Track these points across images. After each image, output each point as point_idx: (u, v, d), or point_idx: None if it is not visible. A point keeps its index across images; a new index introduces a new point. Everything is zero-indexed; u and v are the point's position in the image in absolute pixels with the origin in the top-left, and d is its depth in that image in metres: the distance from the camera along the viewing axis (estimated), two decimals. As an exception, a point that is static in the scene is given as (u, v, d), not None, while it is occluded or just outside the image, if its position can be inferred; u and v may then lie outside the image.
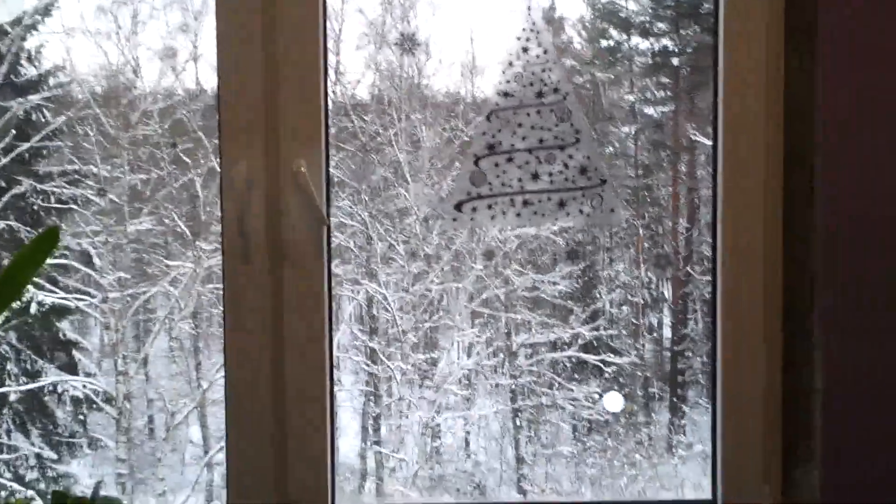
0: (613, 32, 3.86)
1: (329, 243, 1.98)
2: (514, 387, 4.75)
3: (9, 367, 4.47)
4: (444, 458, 4.98)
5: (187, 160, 4.53)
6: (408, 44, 3.75)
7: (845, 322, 1.76)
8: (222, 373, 4.64)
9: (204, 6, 4.54)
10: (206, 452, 4.82)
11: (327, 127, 1.98)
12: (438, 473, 4.99)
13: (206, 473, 4.80)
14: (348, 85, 4.25)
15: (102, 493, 1.81)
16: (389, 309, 4.67)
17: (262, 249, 1.91)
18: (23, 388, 4.49)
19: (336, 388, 4.84)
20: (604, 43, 3.88)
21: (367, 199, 4.38)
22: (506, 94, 1.99)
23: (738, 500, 2.00)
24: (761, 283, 1.98)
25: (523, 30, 2.03)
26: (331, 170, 2.03)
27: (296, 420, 1.94)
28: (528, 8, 2.05)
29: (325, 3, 1.94)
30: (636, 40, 3.76)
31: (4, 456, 4.52)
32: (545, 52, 2.03)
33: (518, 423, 4.80)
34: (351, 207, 4.33)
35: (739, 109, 1.95)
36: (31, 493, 3.78)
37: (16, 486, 4.27)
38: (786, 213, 1.97)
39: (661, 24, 3.81)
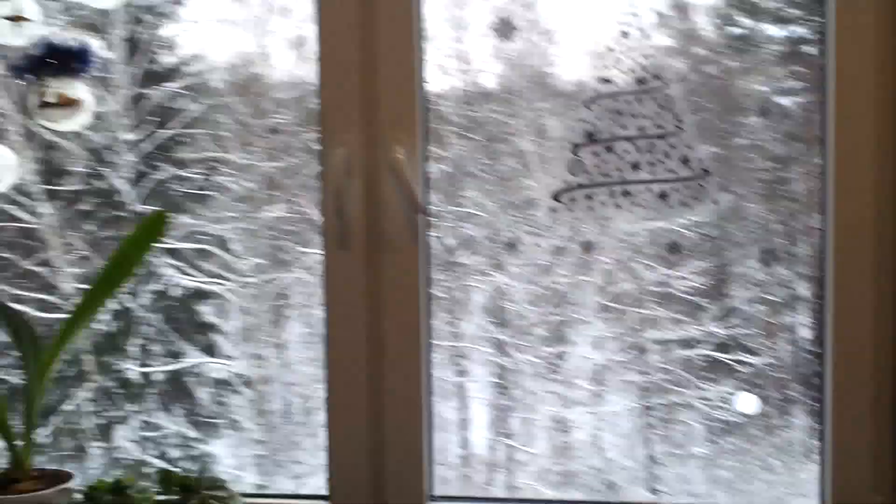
0: (744, 19, 3.71)
1: (426, 230, 1.97)
2: (644, 384, 4.64)
3: (154, 348, 4.64)
4: (573, 454, 4.91)
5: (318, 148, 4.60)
6: (534, 31, 3.70)
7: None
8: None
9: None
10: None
11: (425, 116, 1.97)
12: (568, 469, 4.93)
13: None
14: (473, 73, 4.22)
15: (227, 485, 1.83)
16: (517, 301, 4.63)
17: (360, 235, 1.92)
18: (166, 368, 4.66)
19: (465, 379, 4.86)
20: (734, 30, 3.73)
21: (493, 188, 4.35)
22: (640, 81, 1.92)
23: (847, 508, 1.89)
24: (872, 286, 1.86)
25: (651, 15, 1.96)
26: (455, 159, 2.01)
27: (392, 409, 1.94)
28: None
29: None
30: (767, 27, 3.58)
31: (151, 433, 4.71)
32: (671, 38, 1.97)
33: (649, 421, 4.69)
34: (478, 198, 4.32)
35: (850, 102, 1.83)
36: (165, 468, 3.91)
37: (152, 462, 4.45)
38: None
39: (794, 10, 3.64)
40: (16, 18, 2.10)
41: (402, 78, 1.90)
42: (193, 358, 4.72)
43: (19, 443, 2.06)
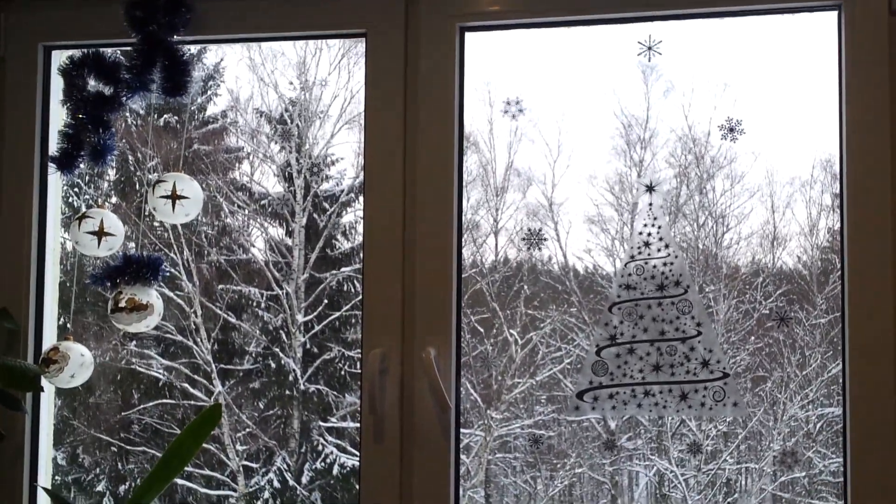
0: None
1: (458, 424, 1.94)
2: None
3: (314, 525, 4.71)
4: None
5: (481, 329, 4.66)
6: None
7: None
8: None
9: (506, 182, 4.74)
10: None
11: (459, 311, 1.98)
12: None
13: None
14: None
15: None
16: (681, 487, 4.40)
17: (393, 429, 1.92)
18: (325, 546, 4.71)
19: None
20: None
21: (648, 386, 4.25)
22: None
23: None
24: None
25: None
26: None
27: None
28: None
29: (460, 216, 1.98)
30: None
31: None
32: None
33: None
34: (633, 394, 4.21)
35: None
36: None
37: None
38: None
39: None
40: (99, 233, 2.28)
41: (437, 283, 1.93)
42: (352, 537, 4.74)
43: None
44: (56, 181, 2.81)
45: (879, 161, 1.90)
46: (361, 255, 5.78)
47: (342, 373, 4.90)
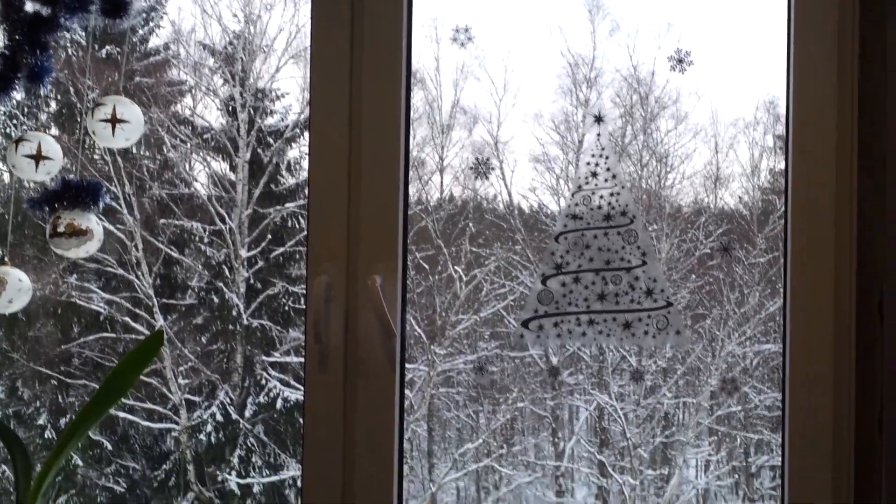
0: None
1: (403, 354, 1.96)
2: (751, 511, 4.38)
3: (254, 459, 4.73)
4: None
5: (426, 266, 4.67)
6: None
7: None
8: (453, 474, 4.67)
9: (452, 120, 4.73)
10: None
11: (405, 242, 1.98)
12: None
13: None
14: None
15: None
16: (620, 421, 4.48)
17: (338, 359, 1.93)
18: (265, 480, 4.73)
19: (565, 500, 4.70)
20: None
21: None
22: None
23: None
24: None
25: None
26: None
27: None
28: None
29: (407, 129, 1.99)
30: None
31: (249, 544, 4.77)
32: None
33: (755, 550, 4.40)
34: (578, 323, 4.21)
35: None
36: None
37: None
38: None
39: None
40: (37, 157, 2.23)
41: (383, 206, 1.93)
42: (293, 470, 4.77)
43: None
44: (-8, 107, 2.74)
45: (827, 101, 1.91)
46: (306, 191, 5.78)
47: (286, 308, 4.89)
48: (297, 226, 4.97)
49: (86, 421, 2.05)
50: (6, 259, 2.22)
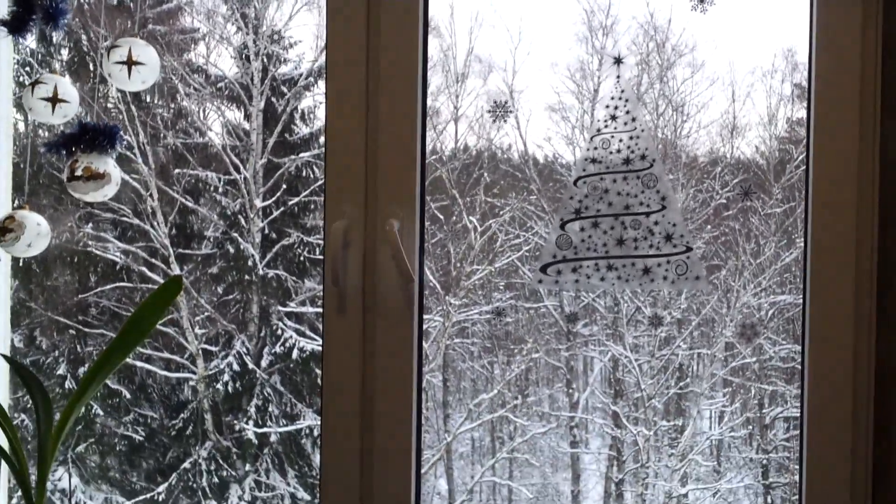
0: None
1: (421, 300, 1.96)
2: (765, 461, 4.39)
3: (271, 408, 4.75)
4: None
5: (440, 216, 4.66)
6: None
7: None
8: (468, 425, 4.69)
9: (467, 69, 4.69)
10: (450, 504, 4.86)
11: (423, 187, 1.97)
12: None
13: (451, 526, 4.83)
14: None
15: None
16: (634, 372, 4.49)
17: (356, 301, 1.93)
18: (282, 429, 4.76)
19: (579, 450, 4.73)
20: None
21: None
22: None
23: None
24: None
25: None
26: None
27: (381, 467, 1.93)
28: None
29: (424, 80, 1.97)
30: None
31: (263, 494, 4.81)
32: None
33: (770, 500, 4.42)
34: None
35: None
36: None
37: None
38: None
39: None
40: (53, 99, 2.21)
41: (401, 152, 1.92)
42: (309, 420, 4.80)
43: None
44: (8, 54, 2.72)
45: (850, 49, 1.89)
46: (321, 140, 5.74)
47: (301, 258, 4.89)
48: (311, 175, 4.96)
49: (107, 364, 2.06)
50: (25, 204, 2.22)
